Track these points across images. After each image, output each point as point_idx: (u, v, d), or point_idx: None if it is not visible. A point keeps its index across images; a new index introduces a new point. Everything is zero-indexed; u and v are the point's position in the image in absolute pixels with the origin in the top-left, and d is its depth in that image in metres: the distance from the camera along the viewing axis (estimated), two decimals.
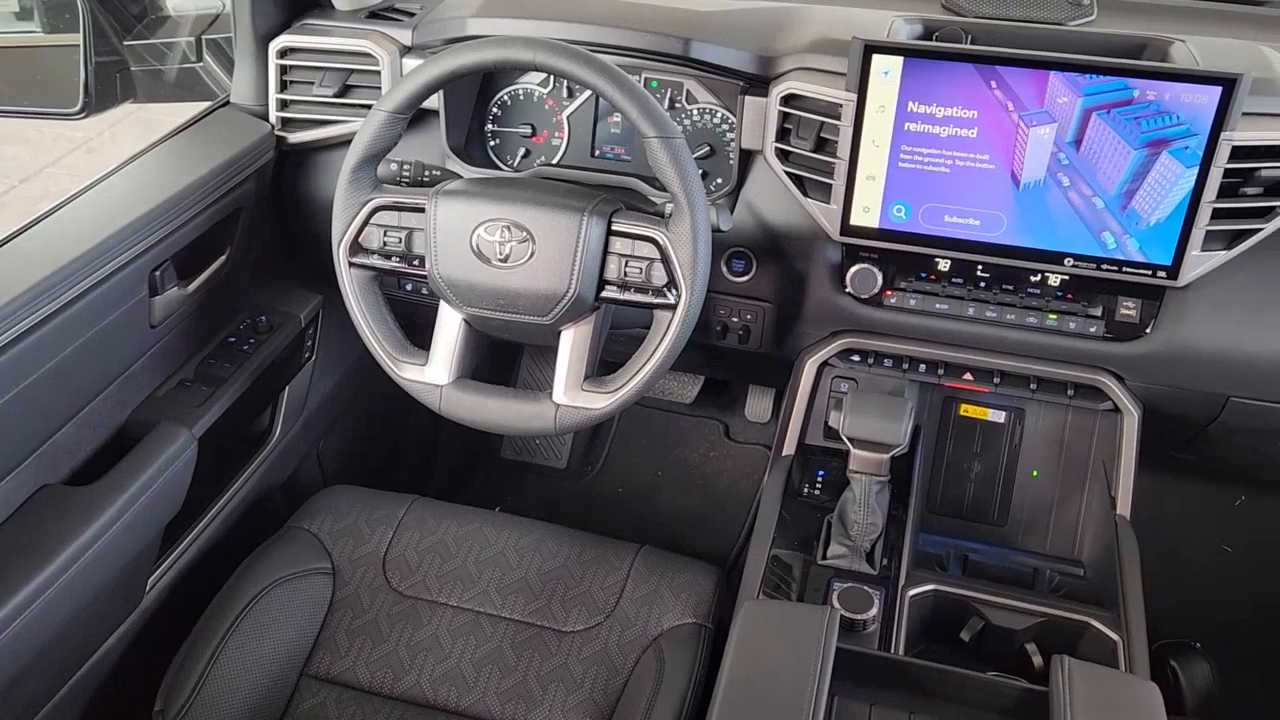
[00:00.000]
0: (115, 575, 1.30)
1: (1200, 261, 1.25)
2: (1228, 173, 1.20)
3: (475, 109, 1.51)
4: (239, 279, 1.55)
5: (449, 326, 1.29)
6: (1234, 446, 1.53)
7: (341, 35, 1.50)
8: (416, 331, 1.36)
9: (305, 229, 1.61)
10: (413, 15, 1.53)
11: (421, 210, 1.24)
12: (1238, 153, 1.19)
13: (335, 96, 1.50)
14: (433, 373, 1.28)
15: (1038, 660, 1.24)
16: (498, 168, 1.52)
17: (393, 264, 1.27)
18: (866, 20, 1.40)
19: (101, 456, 1.34)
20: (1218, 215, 1.23)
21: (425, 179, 1.36)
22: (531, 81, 1.49)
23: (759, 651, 1.06)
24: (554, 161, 1.50)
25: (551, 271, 1.20)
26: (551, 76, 1.47)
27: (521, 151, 1.51)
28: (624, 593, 1.39)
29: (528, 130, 1.50)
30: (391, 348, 1.30)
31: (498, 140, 1.52)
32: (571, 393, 1.24)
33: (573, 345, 1.25)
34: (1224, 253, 1.25)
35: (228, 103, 1.58)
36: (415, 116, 1.31)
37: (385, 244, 1.26)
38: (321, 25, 1.54)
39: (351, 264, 1.28)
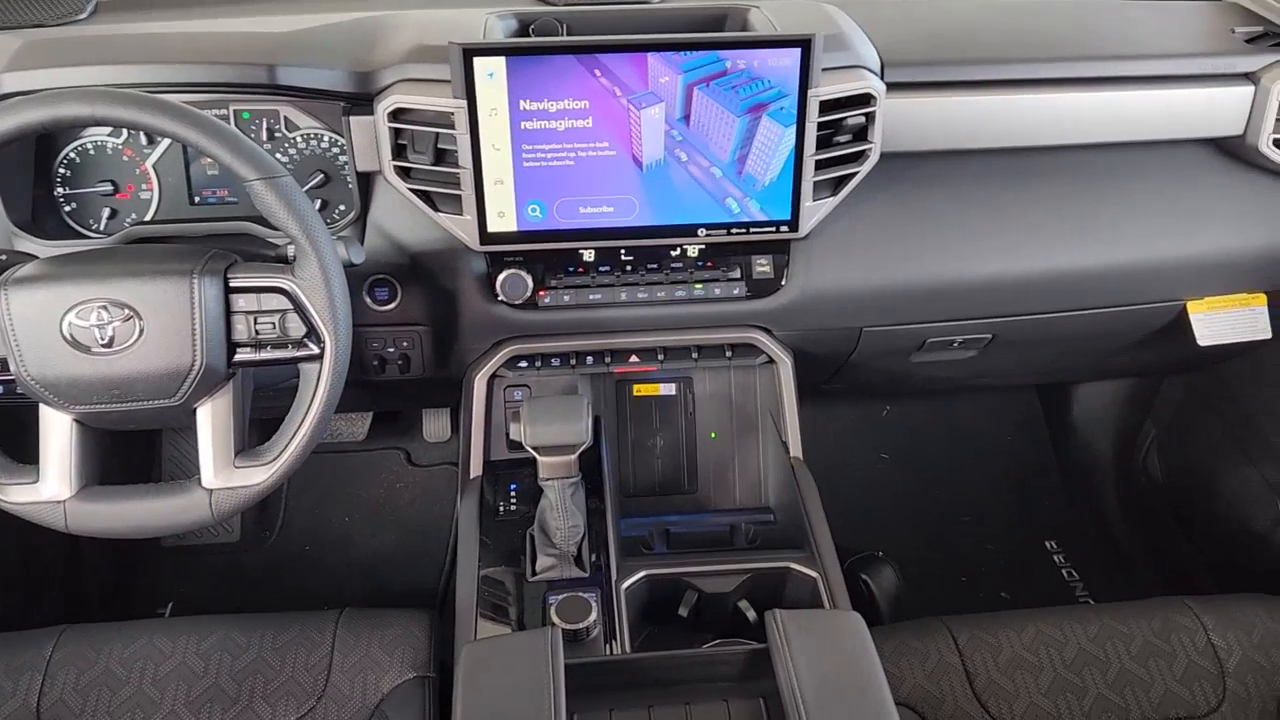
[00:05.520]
0: None
1: (814, 211, 1.34)
2: (821, 126, 1.28)
3: (37, 174, 1.30)
4: None
5: (57, 431, 1.10)
6: (873, 369, 1.67)
7: None
8: (27, 438, 1.15)
9: None
10: None
11: None
12: (825, 106, 1.28)
13: None
14: (49, 488, 1.09)
15: (752, 615, 1.29)
16: (81, 235, 1.33)
17: None
18: (460, 21, 1.36)
19: None
20: (820, 166, 1.31)
21: None
22: (100, 133, 1.31)
23: (488, 693, 1.01)
24: (147, 218, 1.33)
25: (169, 347, 1.06)
26: None
27: (106, 213, 1.33)
28: (332, 666, 1.28)
29: (108, 188, 1.32)
30: None
31: (74, 204, 1.33)
32: (224, 473, 1.11)
33: (213, 421, 1.11)
34: (832, 199, 1.35)
35: None
36: None
37: None
38: None
39: None
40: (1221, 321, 1.56)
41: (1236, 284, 1.55)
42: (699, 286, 1.40)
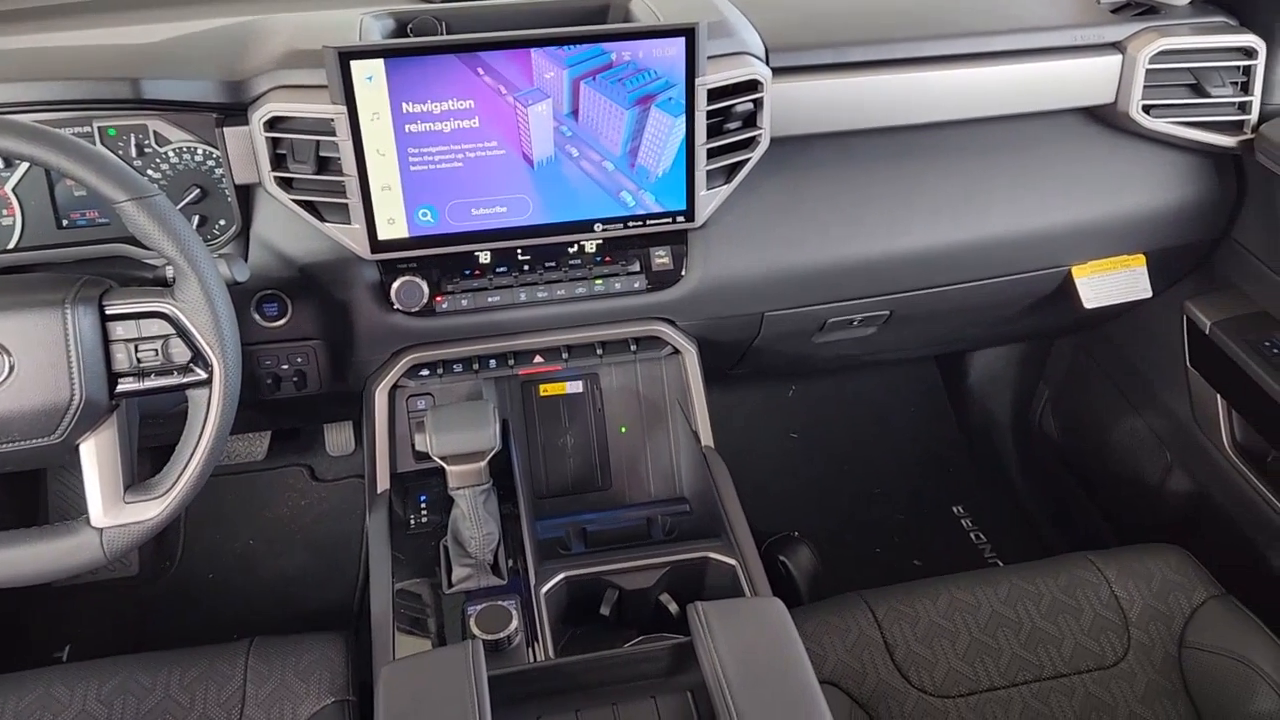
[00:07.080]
0: None
1: (710, 199, 1.34)
2: (710, 114, 1.28)
3: None
4: None
5: None
6: (776, 353, 1.68)
7: None
8: None
9: None
10: None
11: None
12: (713, 94, 1.27)
13: None
14: None
15: (674, 608, 1.28)
16: None
17: None
18: (334, 22, 1.31)
19: None
20: (712, 154, 1.31)
21: None
22: None
23: (410, 713, 0.99)
24: (10, 246, 1.25)
25: (44, 383, 1.00)
26: None
27: None
28: (246, 700, 1.23)
29: None
30: None
31: None
32: (113, 510, 1.06)
33: (98, 457, 1.06)
34: (727, 186, 1.35)
35: None
36: None
37: None
38: None
39: None
40: (1105, 284, 1.62)
41: (1117, 247, 1.61)
42: (599, 282, 1.38)
